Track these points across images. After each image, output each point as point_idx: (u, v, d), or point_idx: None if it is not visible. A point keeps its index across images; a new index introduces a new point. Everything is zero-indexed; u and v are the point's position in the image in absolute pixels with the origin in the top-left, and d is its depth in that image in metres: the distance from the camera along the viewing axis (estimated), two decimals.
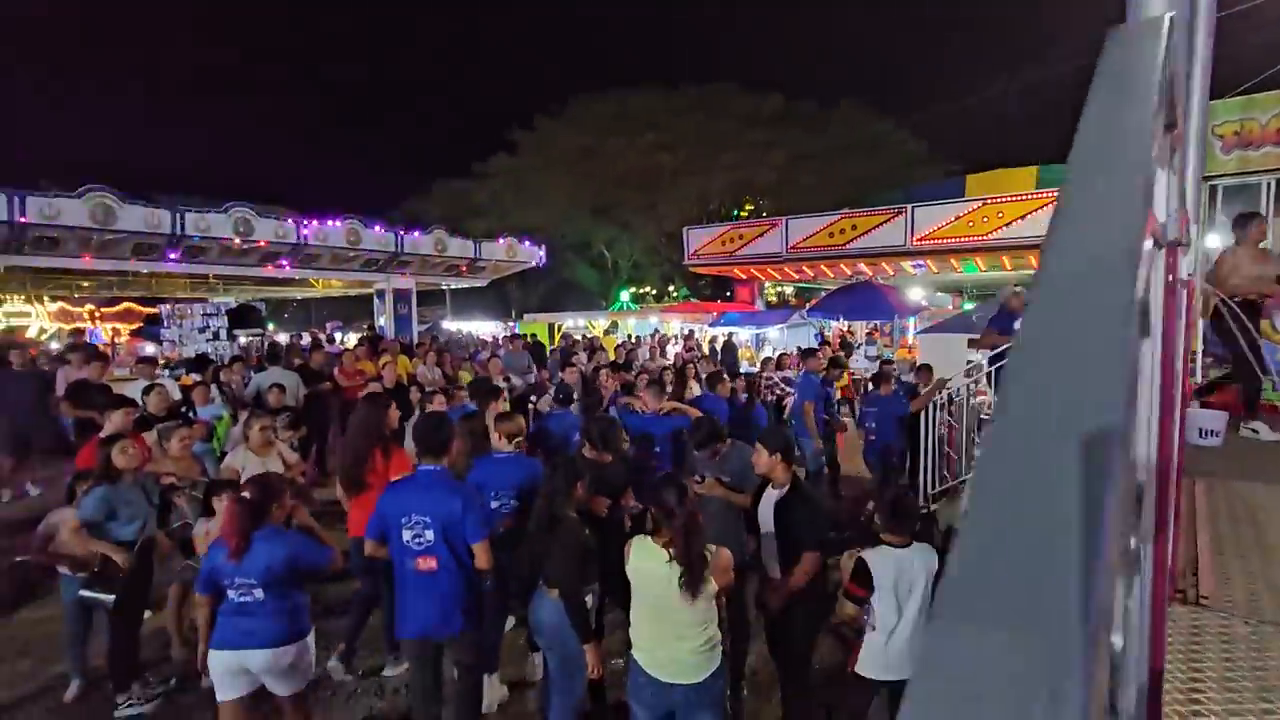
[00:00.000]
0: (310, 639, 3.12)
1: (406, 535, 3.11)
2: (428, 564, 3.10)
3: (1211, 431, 4.57)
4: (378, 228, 13.86)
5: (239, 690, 2.99)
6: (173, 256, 10.96)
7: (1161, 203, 0.89)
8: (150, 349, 13.02)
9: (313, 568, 3.11)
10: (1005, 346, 5.82)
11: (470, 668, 3.35)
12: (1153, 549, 0.90)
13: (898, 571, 2.95)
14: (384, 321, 15.70)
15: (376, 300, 16.38)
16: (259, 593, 2.93)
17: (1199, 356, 6.37)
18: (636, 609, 2.84)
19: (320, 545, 3.27)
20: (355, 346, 10.06)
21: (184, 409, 6.71)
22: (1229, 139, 6.76)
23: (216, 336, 11.97)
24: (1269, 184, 6.62)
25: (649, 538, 2.82)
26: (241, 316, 14.44)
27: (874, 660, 2.99)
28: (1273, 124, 6.51)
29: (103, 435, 4.45)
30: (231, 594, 2.96)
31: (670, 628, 2.75)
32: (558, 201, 27.95)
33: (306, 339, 16.23)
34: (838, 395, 7.51)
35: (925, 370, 7.12)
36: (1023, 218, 13.58)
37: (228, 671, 2.97)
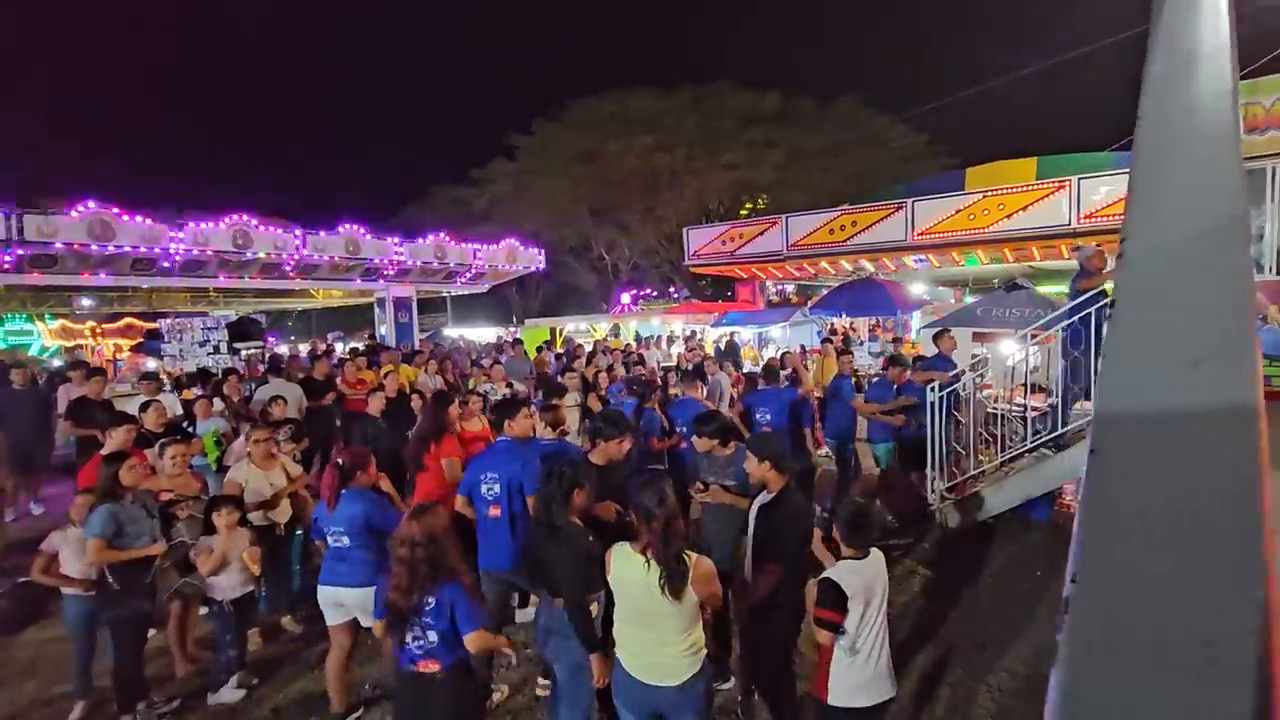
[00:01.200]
0: None
1: (483, 489, 3.98)
2: (495, 511, 3.93)
3: None
4: (377, 236, 13.83)
5: (337, 619, 3.78)
6: (167, 265, 10.93)
7: None
8: (151, 364, 13.01)
9: (382, 525, 3.68)
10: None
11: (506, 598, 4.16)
12: None
13: (866, 586, 2.84)
14: (385, 330, 15.67)
15: (377, 309, 16.35)
16: (345, 540, 3.68)
17: None
18: (619, 614, 2.83)
19: (391, 509, 3.95)
20: (355, 356, 10.00)
21: (185, 424, 6.68)
22: None
23: (217, 350, 11.92)
24: (1273, 169, 6.55)
25: (627, 544, 2.79)
26: (242, 330, 14.37)
27: (852, 685, 2.83)
28: (1277, 108, 6.44)
29: (104, 453, 4.42)
30: (329, 540, 3.74)
31: (652, 634, 2.71)
32: (557, 205, 27.90)
33: (304, 350, 16.19)
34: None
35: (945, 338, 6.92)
36: (1024, 209, 13.49)
37: (327, 603, 3.78)
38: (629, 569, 2.73)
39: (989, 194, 13.99)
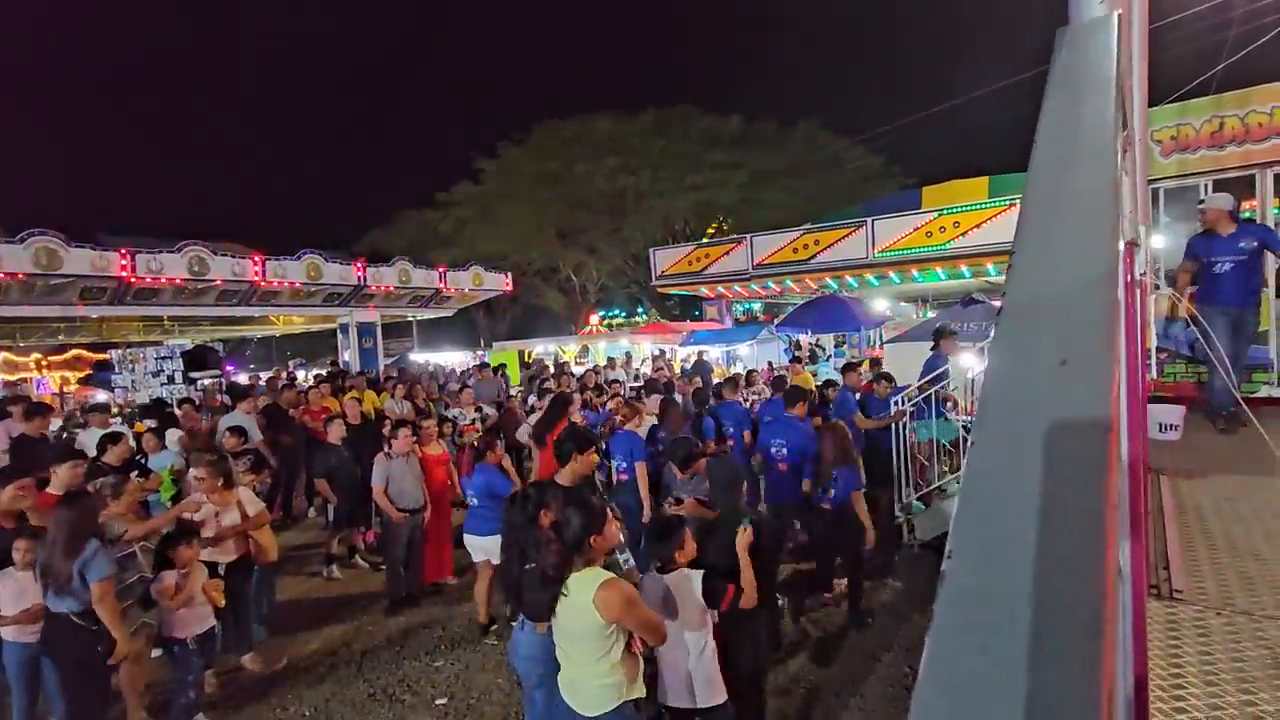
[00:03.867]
0: None
1: (773, 450, 5.58)
2: (783, 467, 5.53)
3: (1170, 426, 4.68)
4: (339, 262, 13.64)
5: (478, 558, 5.09)
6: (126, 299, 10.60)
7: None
8: (102, 396, 12.51)
9: (502, 491, 4.70)
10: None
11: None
12: (1130, 549, 0.88)
13: (662, 600, 2.93)
14: (348, 356, 15.38)
15: (340, 335, 16.05)
16: (476, 500, 4.99)
17: (1154, 353, 6.58)
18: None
19: (507, 480, 5.11)
20: (319, 383, 9.79)
21: (138, 457, 6.43)
22: (1167, 144, 7.04)
23: (172, 380, 11.54)
24: (1206, 185, 6.90)
25: None
26: (198, 358, 13.91)
27: (675, 690, 2.96)
28: (1206, 128, 6.80)
29: (58, 492, 4.22)
30: (469, 500, 5.08)
31: (571, 653, 2.71)
32: (524, 228, 27.91)
33: (262, 379, 15.81)
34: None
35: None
36: (978, 226, 13.96)
37: (470, 547, 5.07)
38: None
39: (944, 212, 14.45)
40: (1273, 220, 6.39)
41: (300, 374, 18.93)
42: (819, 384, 8.47)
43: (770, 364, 14.40)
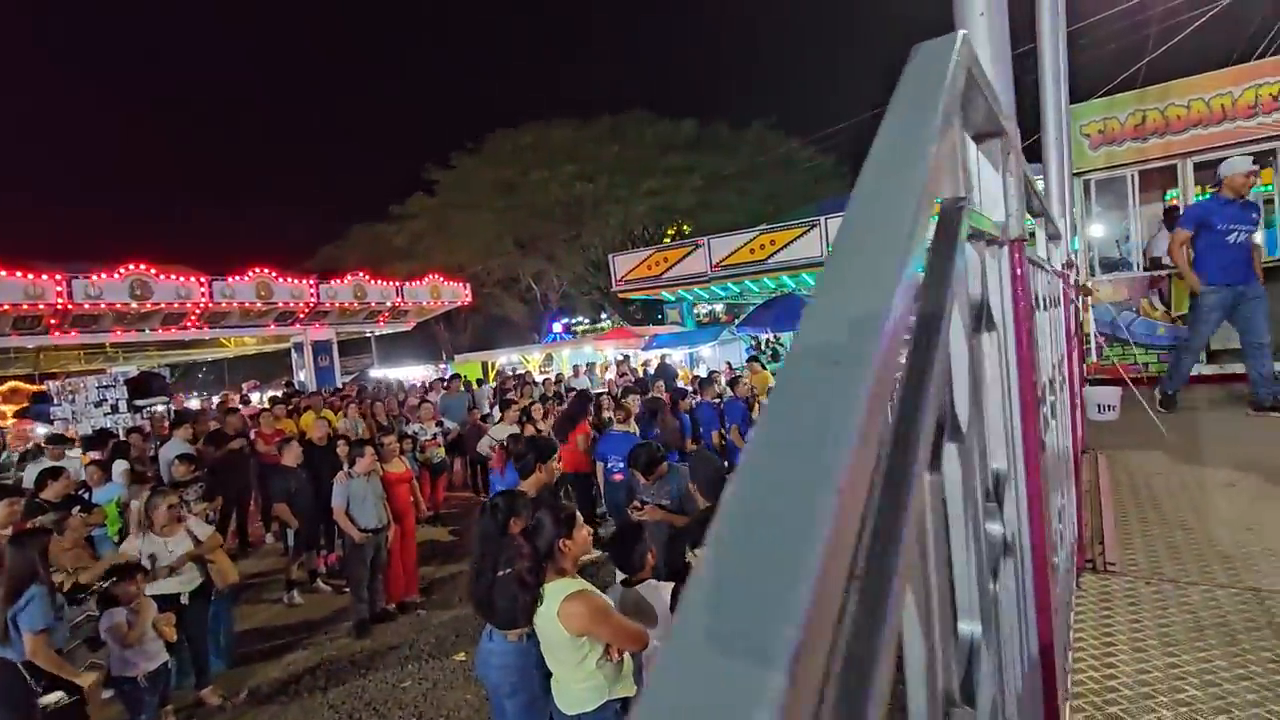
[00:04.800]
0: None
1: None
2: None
3: (1108, 406, 4.90)
4: (290, 279, 13.32)
5: None
6: (55, 324, 10.15)
7: (999, 204, 0.96)
8: (41, 429, 11.95)
9: None
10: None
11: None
12: (1029, 530, 0.94)
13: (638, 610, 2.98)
14: (304, 376, 15.01)
15: (294, 354, 15.67)
16: None
17: (1093, 338, 6.87)
18: None
19: None
20: (272, 405, 9.54)
21: (82, 491, 6.18)
22: (1095, 137, 7.38)
23: (115, 409, 11.08)
24: (1132, 175, 7.25)
25: None
26: (143, 385, 13.34)
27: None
28: (1130, 121, 7.15)
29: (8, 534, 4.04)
30: None
31: (551, 659, 2.74)
32: (481, 238, 27.66)
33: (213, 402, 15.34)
34: None
35: None
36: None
37: None
38: None
39: None
40: None
41: (255, 396, 18.39)
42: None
43: (729, 364, 14.54)
